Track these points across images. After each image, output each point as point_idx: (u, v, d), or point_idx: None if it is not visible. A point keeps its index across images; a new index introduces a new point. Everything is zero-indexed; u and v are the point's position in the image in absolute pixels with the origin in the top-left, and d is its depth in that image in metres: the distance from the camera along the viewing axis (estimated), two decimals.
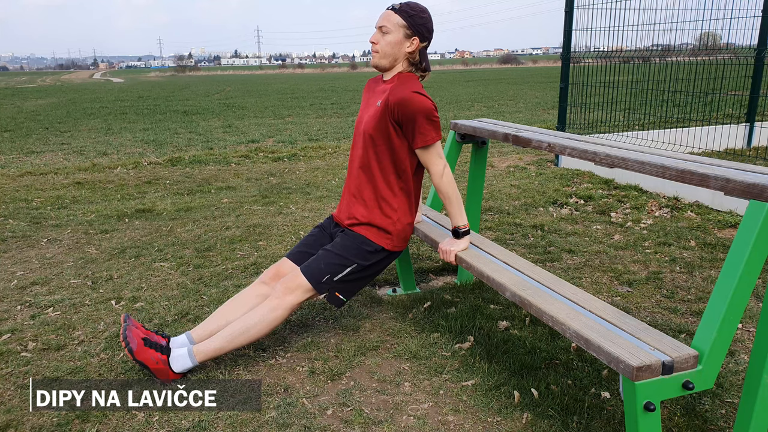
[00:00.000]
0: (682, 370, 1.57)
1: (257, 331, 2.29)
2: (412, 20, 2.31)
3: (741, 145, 6.79)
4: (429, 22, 2.36)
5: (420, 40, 2.35)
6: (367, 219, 2.43)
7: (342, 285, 2.39)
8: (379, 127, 2.35)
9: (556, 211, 4.60)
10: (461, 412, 2.08)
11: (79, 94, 23.51)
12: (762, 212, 1.55)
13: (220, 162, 7.05)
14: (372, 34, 2.39)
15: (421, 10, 2.34)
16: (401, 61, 2.38)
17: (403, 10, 2.31)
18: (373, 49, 2.37)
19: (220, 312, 2.41)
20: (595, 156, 2.15)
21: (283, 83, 32.44)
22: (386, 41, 2.33)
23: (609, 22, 5.53)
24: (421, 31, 2.33)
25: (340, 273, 2.37)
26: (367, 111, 2.46)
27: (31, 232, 4.25)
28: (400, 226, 2.45)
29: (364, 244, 2.41)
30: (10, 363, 2.43)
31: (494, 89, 21.10)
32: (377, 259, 2.44)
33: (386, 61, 2.36)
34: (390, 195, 2.43)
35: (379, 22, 2.35)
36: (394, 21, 2.31)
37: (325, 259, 2.38)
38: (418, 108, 2.27)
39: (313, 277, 2.34)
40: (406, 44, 2.34)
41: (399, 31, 2.31)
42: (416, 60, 2.39)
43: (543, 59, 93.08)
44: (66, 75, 68.28)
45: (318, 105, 16.05)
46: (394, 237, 2.44)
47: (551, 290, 2.05)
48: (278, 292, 2.32)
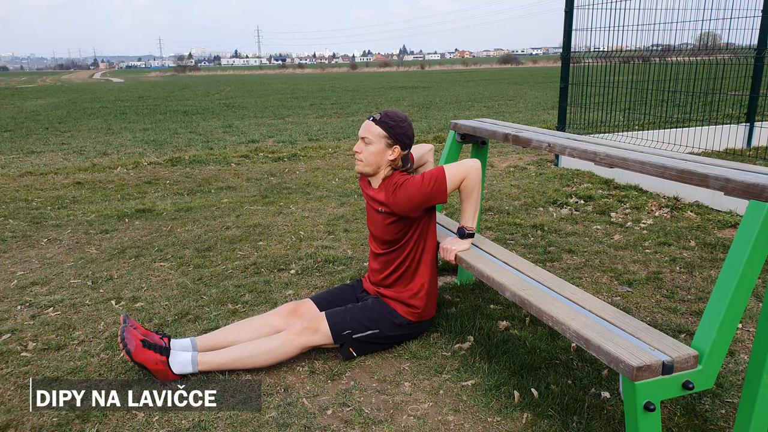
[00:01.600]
0: (682, 370, 1.57)
1: (264, 359, 2.31)
2: (392, 131, 2.39)
3: (741, 145, 6.79)
4: (409, 129, 2.44)
5: (401, 148, 2.43)
6: (395, 297, 2.52)
7: (358, 344, 2.44)
8: (391, 231, 2.46)
9: (556, 211, 4.60)
10: (461, 412, 2.08)
11: (79, 94, 23.52)
12: (762, 212, 1.55)
13: (220, 162, 7.05)
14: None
15: (401, 119, 2.42)
16: (384, 168, 2.46)
17: (383, 122, 2.40)
18: (357, 158, 2.45)
19: (229, 330, 2.44)
20: (595, 156, 2.15)
21: (283, 83, 32.45)
22: (369, 151, 2.41)
23: (609, 22, 5.53)
24: (401, 140, 2.42)
25: (361, 333, 2.42)
26: (373, 217, 2.54)
27: (31, 232, 4.25)
28: (429, 300, 2.54)
29: (393, 316, 2.49)
30: (10, 363, 2.43)
31: (494, 89, 21.10)
32: (401, 333, 2.52)
33: (370, 168, 2.45)
34: (414, 272, 2.52)
35: (361, 133, 2.43)
36: (375, 132, 2.39)
37: (352, 315, 2.44)
38: (416, 191, 2.36)
39: (336, 327, 2.39)
40: (388, 153, 2.42)
41: (380, 142, 2.39)
42: (398, 166, 2.47)
43: (543, 59, 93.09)
44: (66, 75, 68.29)
45: (318, 105, 16.05)
46: (422, 310, 2.52)
47: (551, 290, 2.05)
48: (296, 329, 2.36)
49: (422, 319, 2.54)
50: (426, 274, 2.52)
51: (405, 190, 2.36)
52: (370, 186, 2.54)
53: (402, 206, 2.38)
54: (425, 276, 2.52)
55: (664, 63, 6.60)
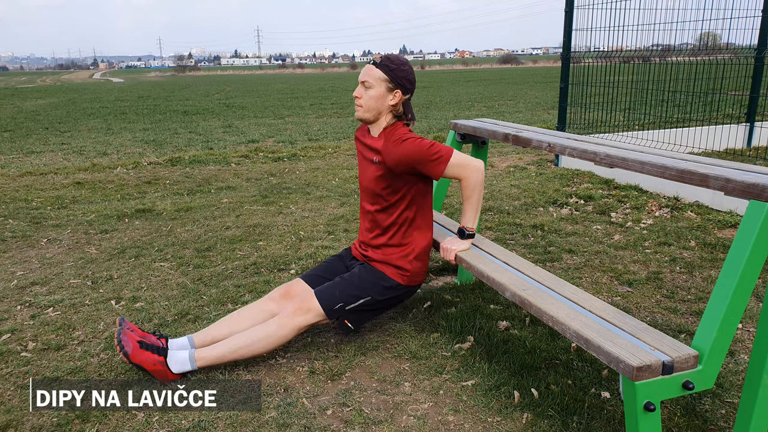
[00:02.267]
0: (682, 370, 1.57)
1: (261, 346, 2.30)
2: (393, 74, 2.35)
3: (741, 145, 6.79)
4: (410, 74, 2.40)
5: (402, 92, 2.39)
6: (383, 259, 2.49)
7: (352, 315, 2.43)
8: (383, 184, 2.42)
9: (556, 211, 4.60)
10: (461, 412, 2.08)
11: (79, 94, 23.51)
12: (762, 212, 1.55)
13: (220, 162, 7.05)
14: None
15: (402, 62, 2.38)
16: (385, 114, 2.41)
17: (383, 65, 2.36)
18: (357, 103, 2.41)
19: (225, 321, 2.43)
20: (595, 156, 2.15)
21: (283, 83, 32.45)
22: (369, 96, 2.36)
23: (609, 22, 5.53)
24: (402, 84, 2.37)
25: (353, 303, 2.40)
26: (366, 168, 2.51)
27: (31, 232, 4.25)
28: (418, 264, 2.51)
29: (382, 280, 2.46)
30: (10, 363, 2.43)
31: (494, 89, 21.10)
32: (392, 295, 2.49)
33: (370, 114, 2.40)
34: (404, 234, 2.49)
35: (361, 77, 2.39)
36: (375, 75, 2.35)
37: (340, 288, 2.42)
38: (416, 152, 2.31)
39: (326, 302, 2.37)
40: (388, 97, 2.37)
41: (381, 85, 2.35)
42: (400, 112, 2.43)
43: (543, 59, 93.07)
44: (66, 75, 68.28)
45: (318, 105, 16.05)
46: (411, 274, 2.50)
47: (551, 290, 2.05)
48: (288, 312, 2.35)
49: (411, 283, 2.51)
50: (418, 241, 2.48)
51: (408, 146, 2.31)
52: (369, 135, 2.49)
53: (396, 159, 2.32)
54: (417, 242, 2.48)
55: (664, 63, 6.60)
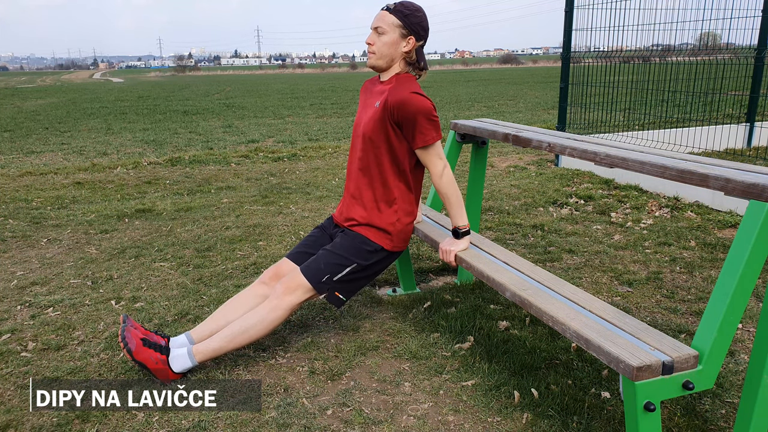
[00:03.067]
0: (682, 370, 1.57)
1: (257, 331, 2.28)
2: (407, 20, 2.30)
3: (741, 145, 6.79)
4: (424, 20, 2.35)
5: (416, 39, 2.34)
6: (366, 220, 2.44)
7: (342, 285, 2.39)
8: (378, 129, 2.35)
9: (556, 211, 4.60)
10: (461, 412, 2.08)
11: (79, 94, 23.51)
12: (762, 212, 1.55)
13: (220, 162, 7.05)
14: (368, 35, 2.39)
15: (416, 8, 2.33)
16: (398, 61, 2.37)
17: (397, 10, 2.31)
18: (370, 50, 2.36)
19: (220, 312, 2.41)
20: (595, 156, 2.15)
21: (283, 83, 32.45)
22: (382, 42, 2.32)
23: (609, 22, 5.53)
24: (416, 30, 2.32)
25: (340, 273, 2.37)
26: (365, 112, 2.45)
27: (31, 232, 4.25)
28: (400, 226, 2.45)
29: (364, 244, 2.41)
30: (10, 363, 2.43)
31: (494, 89, 21.10)
32: (377, 259, 2.44)
33: (383, 61, 2.35)
34: (389, 196, 2.43)
35: (374, 23, 2.34)
36: (389, 21, 2.30)
37: (324, 259, 2.38)
38: (418, 108, 2.27)
39: (313, 277, 2.33)
40: (402, 44, 2.33)
41: (395, 31, 2.31)
42: (413, 59, 2.38)
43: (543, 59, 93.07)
44: (66, 75, 68.28)
45: (318, 105, 16.05)
46: (394, 237, 2.45)
47: (551, 290, 2.05)
48: (278, 293, 2.32)
49: (395, 248, 2.47)
50: (402, 206, 2.43)
51: (415, 99, 2.26)
52: (378, 82, 2.44)
53: (397, 101, 2.26)
54: (401, 207, 2.43)
55: (664, 63, 6.60)
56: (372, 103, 2.42)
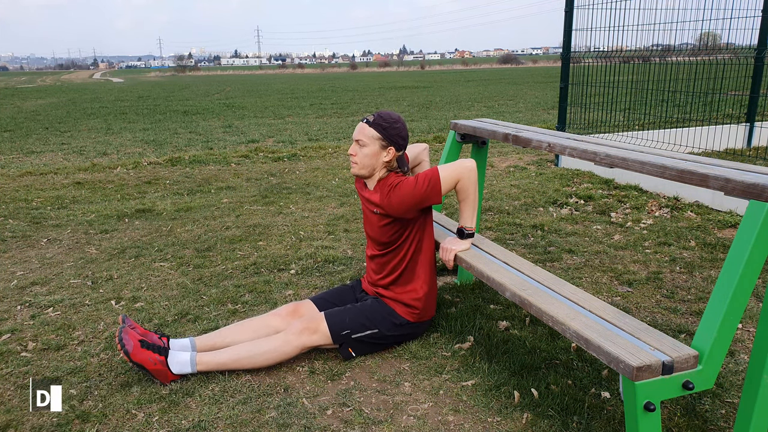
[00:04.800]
0: (682, 370, 1.57)
1: (264, 360, 2.31)
2: (385, 132, 2.39)
3: (741, 145, 6.79)
4: (402, 130, 2.44)
5: (396, 149, 2.43)
6: (393, 297, 2.52)
7: (357, 344, 2.44)
8: (387, 233, 2.46)
9: (556, 211, 4.60)
10: (461, 412, 2.08)
11: (79, 94, 23.51)
12: (762, 212, 1.55)
13: (220, 162, 7.05)
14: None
15: (394, 120, 2.42)
16: (379, 170, 2.45)
17: (376, 123, 2.39)
18: (352, 160, 2.45)
19: (229, 329, 2.44)
20: (595, 156, 2.15)
21: (283, 83, 32.45)
22: (363, 154, 2.41)
23: (609, 22, 5.53)
24: (395, 141, 2.41)
25: (360, 333, 2.42)
26: (370, 218, 2.54)
27: (31, 232, 4.25)
28: (428, 300, 2.53)
29: (392, 316, 2.48)
30: (10, 363, 2.43)
31: (494, 89, 21.10)
32: (400, 333, 2.51)
33: (365, 171, 2.45)
34: (412, 273, 2.52)
35: (355, 135, 2.42)
36: (368, 134, 2.39)
37: (351, 315, 2.43)
38: (410, 191, 2.35)
39: (335, 327, 2.39)
40: (382, 154, 2.41)
41: (375, 144, 2.39)
42: (393, 167, 2.47)
43: (543, 59, 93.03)
44: (66, 75, 68.28)
45: (318, 105, 16.05)
46: (421, 311, 2.52)
47: (551, 290, 2.05)
48: (296, 329, 2.36)
49: (422, 320, 2.54)
50: (424, 275, 2.51)
51: (399, 192, 2.36)
52: (366, 188, 2.54)
53: (396, 207, 2.38)
54: (423, 277, 2.51)
55: (664, 63, 6.60)
56: (370, 207, 2.51)
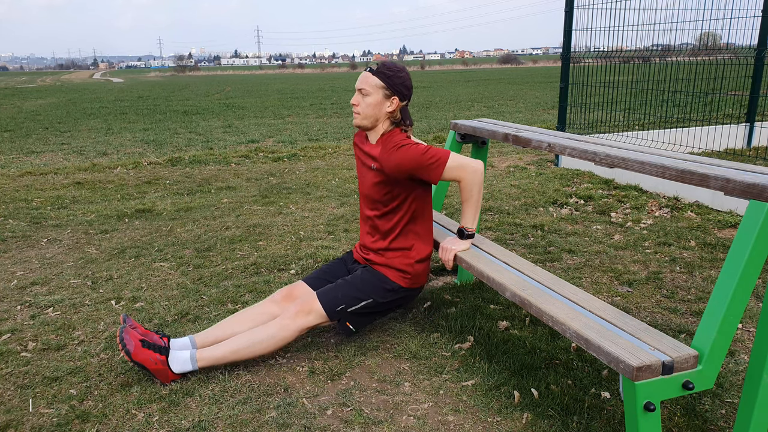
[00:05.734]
0: (682, 370, 1.57)
1: (263, 347, 2.30)
2: (390, 81, 2.35)
3: (741, 145, 6.79)
4: (407, 80, 2.40)
5: (400, 99, 2.39)
6: (385, 263, 2.50)
7: (354, 317, 2.43)
8: (382, 191, 2.43)
9: (556, 211, 4.60)
10: (461, 412, 2.08)
11: (79, 94, 23.51)
12: (762, 212, 1.55)
13: (220, 162, 7.05)
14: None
15: (398, 69, 2.39)
16: (382, 121, 2.42)
17: (380, 72, 2.36)
18: (355, 110, 2.41)
19: (227, 323, 2.43)
20: (595, 156, 2.15)
21: (283, 83, 32.44)
22: (366, 103, 2.37)
23: (609, 22, 5.53)
24: (400, 91, 2.38)
25: (355, 305, 2.41)
26: (364, 173, 2.51)
27: (31, 232, 4.25)
28: (419, 267, 2.51)
29: (383, 282, 2.47)
30: (10, 363, 2.43)
31: (494, 89, 21.10)
32: (394, 298, 2.49)
33: (368, 121, 2.41)
34: (405, 240, 2.49)
35: (359, 84, 2.39)
36: (372, 83, 2.36)
37: (343, 290, 2.42)
38: (413, 158, 2.32)
39: (329, 304, 2.37)
40: (386, 104, 2.38)
41: (378, 93, 2.36)
42: (397, 118, 2.43)
43: (543, 59, 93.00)
44: (66, 75, 68.27)
45: (318, 105, 16.05)
46: (412, 276, 2.50)
47: (551, 290, 2.05)
48: (290, 313, 2.35)
49: (413, 286, 2.52)
50: (418, 245, 2.49)
51: (403, 153, 2.32)
52: (367, 141, 2.50)
53: (393, 166, 2.33)
54: (417, 247, 2.49)
55: (664, 63, 6.60)
56: (368, 164, 2.47)
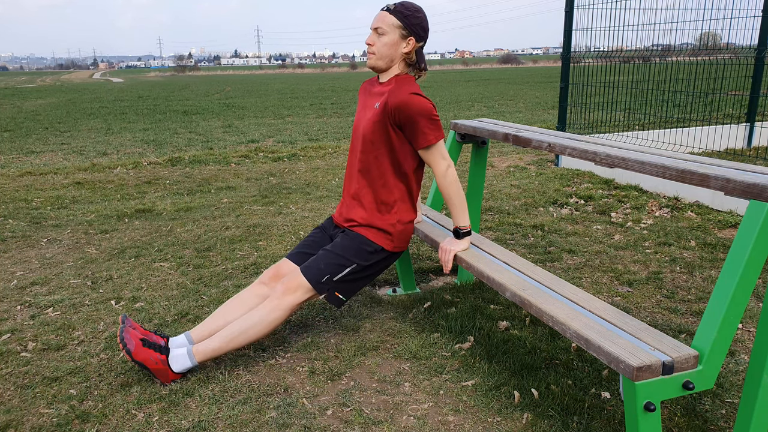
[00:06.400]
0: (683, 370, 1.57)
1: (256, 331, 2.28)
2: (407, 20, 2.30)
3: (741, 145, 6.80)
4: (424, 21, 2.35)
5: (416, 40, 2.34)
6: (366, 221, 2.44)
7: (342, 285, 2.39)
8: (379, 131, 2.36)
9: (556, 211, 4.60)
10: (461, 412, 2.08)
11: (79, 94, 23.51)
12: (762, 212, 1.55)
13: (220, 162, 7.05)
14: (368, 35, 2.38)
15: (416, 9, 2.33)
16: (398, 62, 2.37)
17: (397, 11, 2.30)
18: (369, 50, 2.36)
19: (220, 312, 2.41)
20: (595, 156, 2.15)
21: (283, 83, 32.44)
22: (382, 42, 2.32)
23: (609, 22, 5.54)
24: (416, 31, 2.33)
25: (340, 273, 2.37)
26: (364, 114, 2.45)
27: (31, 232, 4.25)
28: (401, 227, 2.46)
29: (364, 245, 2.41)
30: (10, 363, 2.43)
31: (494, 89, 21.10)
32: (377, 260, 2.44)
33: (383, 62, 2.35)
34: (389, 197, 2.43)
35: (374, 24, 2.33)
36: (389, 22, 2.30)
37: (324, 260, 2.37)
38: (419, 109, 2.27)
39: (313, 277, 2.33)
40: (402, 45, 2.33)
41: (395, 32, 2.30)
42: (413, 60, 2.38)
43: (543, 59, 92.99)
44: (66, 75, 68.27)
45: (318, 105, 16.05)
46: (394, 237, 2.45)
47: (551, 290, 2.05)
48: (278, 293, 2.32)
49: (395, 249, 2.48)
50: (401, 208, 2.44)
51: (414, 99, 2.26)
52: (377, 83, 2.44)
53: (397, 103, 2.27)
54: (400, 209, 2.44)
55: (664, 63, 6.61)
56: (371, 104, 2.41)
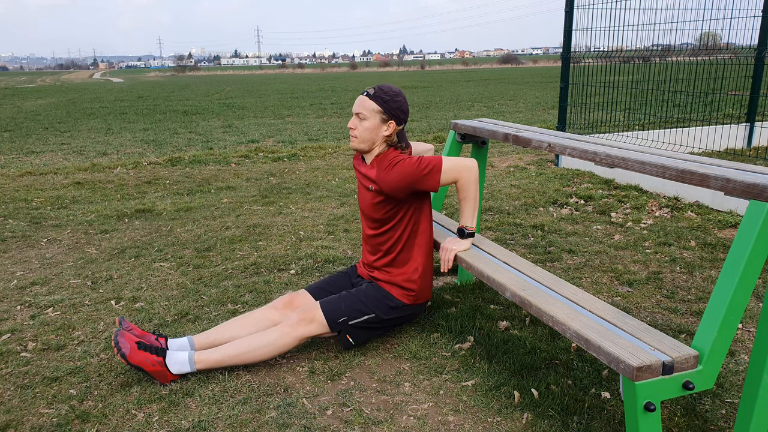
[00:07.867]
0: (683, 371, 1.57)
1: (263, 353, 2.30)
2: (386, 105, 2.36)
3: (741, 145, 6.80)
4: (404, 104, 2.41)
5: (396, 123, 2.40)
6: (388, 280, 2.50)
7: (355, 330, 2.43)
8: (383, 211, 2.44)
9: (556, 211, 4.60)
10: (461, 412, 2.08)
11: (79, 94, 23.51)
12: (762, 212, 1.55)
13: (220, 162, 7.05)
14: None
15: (395, 93, 2.39)
16: (379, 144, 2.43)
17: (377, 96, 2.36)
18: (352, 134, 2.42)
19: (227, 326, 2.43)
20: (595, 156, 2.15)
21: (283, 83, 32.43)
22: (363, 127, 2.38)
23: (609, 22, 5.53)
24: (396, 115, 2.38)
25: (357, 319, 2.41)
26: (363, 195, 2.52)
27: (31, 232, 4.25)
28: (424, 282, 2.52)
29: (387, 299, 2.47)
30: (10, 363, 2.43)
31: (494, 89, 21.09)
32: (397, 315, 2.50)
33: (365, 145, 2.42)
34: (408, 255, 2.50)
35: (355, 108, 2.39)
36: (369, 107, 2.36)
37: (346, 301, 2.42)
38: (408, 170, 2.32)
39: (331, 315, 2.37)
40: (383, 128, 2.39)
41: (375, 117, 2.36)
42: (394, 141, 2.44)
43: (543, 59, 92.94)
44: (66, 75, 68.26)
45: (318, 105, 16.04)
46: (417, 292, 2.51)
47: (551, 290, 2.05)
48: (292, 321, 2.34)
49: (417, 302, 2.53)
50: (420, 257, 2.50)
51: (398, 170, 2.33)
52: (364, 163, 2.51)
53: (391, 185, 2.34)
54: (419, 259, 2.49)
55: (664, 63, 6.61)
56: (365, 185, 2.48)
